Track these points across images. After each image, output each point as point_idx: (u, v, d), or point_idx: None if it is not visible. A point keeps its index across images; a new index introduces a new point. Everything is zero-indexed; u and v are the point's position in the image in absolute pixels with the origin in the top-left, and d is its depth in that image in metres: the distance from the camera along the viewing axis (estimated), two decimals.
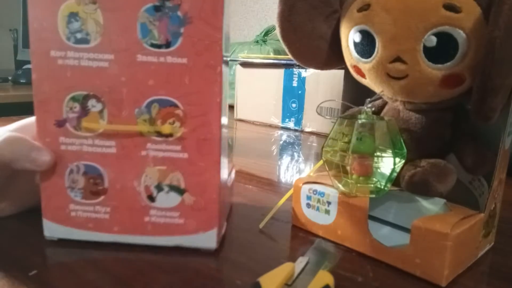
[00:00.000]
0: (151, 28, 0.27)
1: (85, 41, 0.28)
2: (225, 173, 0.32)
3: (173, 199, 0.29)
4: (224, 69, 0.29)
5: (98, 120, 0.28)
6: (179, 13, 0.27)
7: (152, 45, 0.27)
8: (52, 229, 0.30)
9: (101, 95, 0.28)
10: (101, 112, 0.28)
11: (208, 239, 0.30)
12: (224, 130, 0.30)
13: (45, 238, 0.30)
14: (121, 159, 0.29)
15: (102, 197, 0.29)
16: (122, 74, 0.28)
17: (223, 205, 0.31)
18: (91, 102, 0.28)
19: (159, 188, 0.29)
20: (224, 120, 0.30)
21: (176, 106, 0.28)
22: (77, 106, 0.28)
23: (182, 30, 0.27)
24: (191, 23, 0.27)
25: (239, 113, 0.97)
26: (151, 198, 0.29)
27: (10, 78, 1.61)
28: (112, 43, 0.27)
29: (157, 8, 0.27)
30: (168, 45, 0.27)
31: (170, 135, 0.28)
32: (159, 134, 0.28)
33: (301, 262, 0.25)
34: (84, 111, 0.28)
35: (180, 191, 0.29)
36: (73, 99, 0.28)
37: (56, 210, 0.30)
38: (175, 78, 0.28)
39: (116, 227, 0.30)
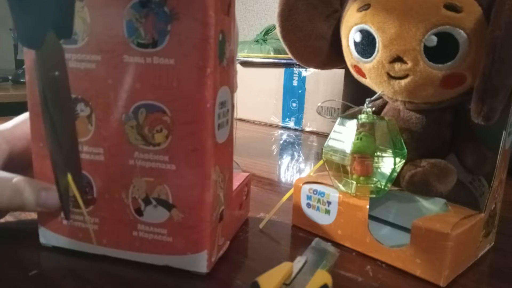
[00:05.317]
0: (137, 26, 0.25)
1: (73, 41, 0.26)
2: (232, 183, 0.30)
3: (161, 214, 0.27)
4: (233, 67, 0.27)
5: (87, 126, 0.27)
6: (165, 9, 0.24)
7: (139, 45, 0.25)
8: (46, 236, 0.29)
9: (89, 99, 0.26)
10: (89, 117, 0.27)
11: (197, 262, 0.27)
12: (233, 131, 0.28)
13: (41, 244, 0.30)
14: (110, 167, 0.27)
15: (91, 207, 0.28)
16: (109, 76, 0.26)
17: (218, 224, 0.28)
18: (80, 106, 0.27)
19: (146, 201, 0.27)
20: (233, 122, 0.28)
21: (163, 111, 0.25)
22: None
23: (169, 27, 0.24)
24: (178, 19, 0.24)
25: (239, 112, 0.97)
26: (139, 212, 0.27)
27: (10, 77, 1.61)
28: (99, 43, 0.26)
29: (143, 4, 0.25)
30: (154, 44, 0.25)
31: (158, 143, 0.26)
32: (147, 142, 0.26)
33: (299, 261, 0.25)
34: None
35: (168, 206, 0.27)
36: None
37: (50, 217, 0.29)
38: (163, 81, 0.25)
39: (105, 240, 0.28)
